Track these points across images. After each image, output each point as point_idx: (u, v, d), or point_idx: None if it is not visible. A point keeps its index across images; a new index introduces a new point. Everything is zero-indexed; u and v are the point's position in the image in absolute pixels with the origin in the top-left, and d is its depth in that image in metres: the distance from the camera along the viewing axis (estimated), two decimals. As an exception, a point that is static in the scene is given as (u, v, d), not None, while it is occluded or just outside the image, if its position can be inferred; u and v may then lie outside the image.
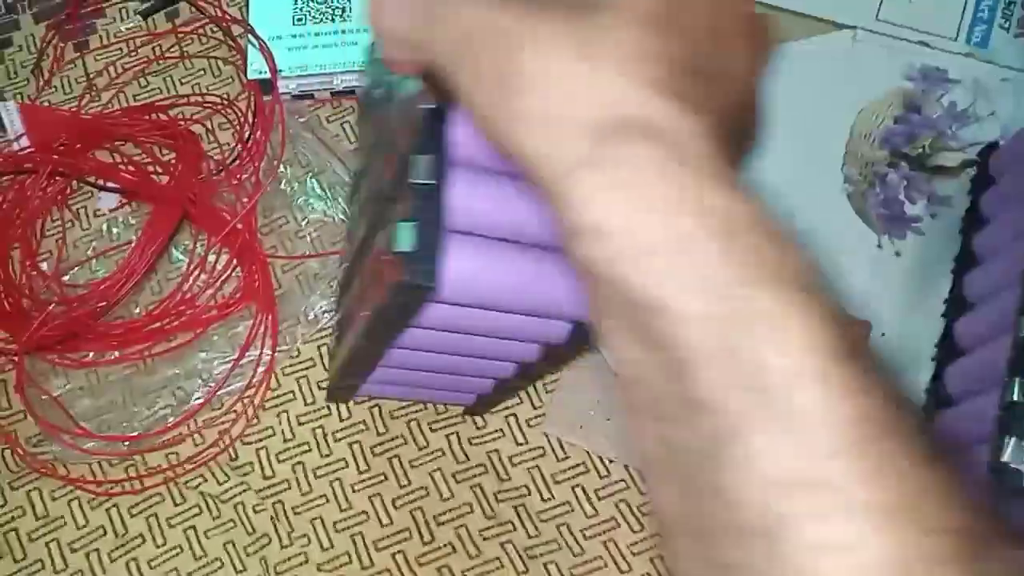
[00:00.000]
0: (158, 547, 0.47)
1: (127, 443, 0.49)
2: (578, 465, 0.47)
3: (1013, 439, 0.37)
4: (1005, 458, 0.37)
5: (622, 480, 0.47)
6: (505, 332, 0.34)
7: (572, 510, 0.47)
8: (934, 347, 0.47)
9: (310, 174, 0.54)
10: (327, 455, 0.48)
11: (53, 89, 0.58)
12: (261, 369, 0.50)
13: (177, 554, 0.47)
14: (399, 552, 0.46)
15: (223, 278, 0.52)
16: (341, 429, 0.49)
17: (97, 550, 0.47)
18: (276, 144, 0.54)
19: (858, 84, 0.54)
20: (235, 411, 0.49)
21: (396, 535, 0.47)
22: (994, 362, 0.41)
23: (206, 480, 0.48)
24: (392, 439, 0.48)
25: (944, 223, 0.50)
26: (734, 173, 0.24)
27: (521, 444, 0.48)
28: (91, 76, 0.58)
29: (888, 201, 0.51)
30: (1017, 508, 0.41)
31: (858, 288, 0.48)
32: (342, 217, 0.53)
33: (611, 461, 0.47)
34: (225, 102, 0.56)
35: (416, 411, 0.49)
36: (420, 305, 0.31)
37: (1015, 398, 0.38)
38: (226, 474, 0.48)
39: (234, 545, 0.47)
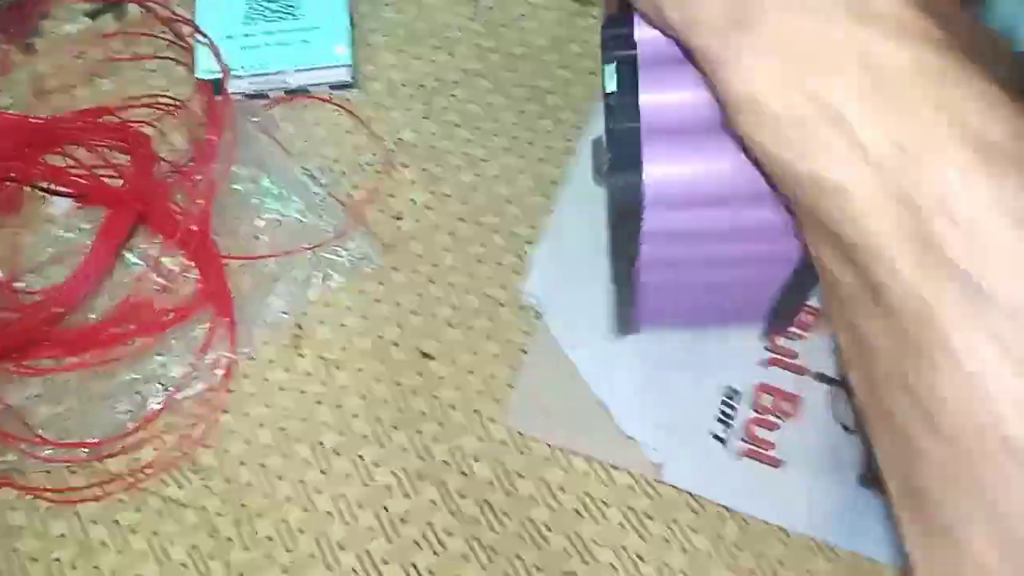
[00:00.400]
0: (120, 554, 0.47)
1: (86, 450, 0.48)
2: (542, 459, 0.48)
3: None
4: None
5: (585, 473, 0.47)
6: (737, 230, 0.32)
7: (536, 504, 0.47)
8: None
9: (265, 174, 0.54)
10: (288, 457, 0.48)
11: None
12: (220, 372, 0.50)
13: (141, 561, 0.47)
14: (364, 552, 0.46)
15: (179, 281, 0.52)
16: (302, 431, 0.49)
17: (59, 559, 0.47)
18: (230, 145, 0.54)
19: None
20: (195, 415, 0.49)
21: (361, 535, 0.47)
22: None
23: (168, 485, 0.48)
24: (353, 438, 0.48)
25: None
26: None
27: (484, 440, 0.48)
28: (39, 79, 0.57)
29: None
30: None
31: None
32: (297, 216, 0.53)
33: (574, 454, 0.47)
34: (177, 103, 0.56)
35: (378, 409, 0.49)
36: (636, 214, 0.31)
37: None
38: (188, 478, 0.48)
39: (198, 550, 0.47)
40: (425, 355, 0.50)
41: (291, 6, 0.56)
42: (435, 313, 0.51)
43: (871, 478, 0.44)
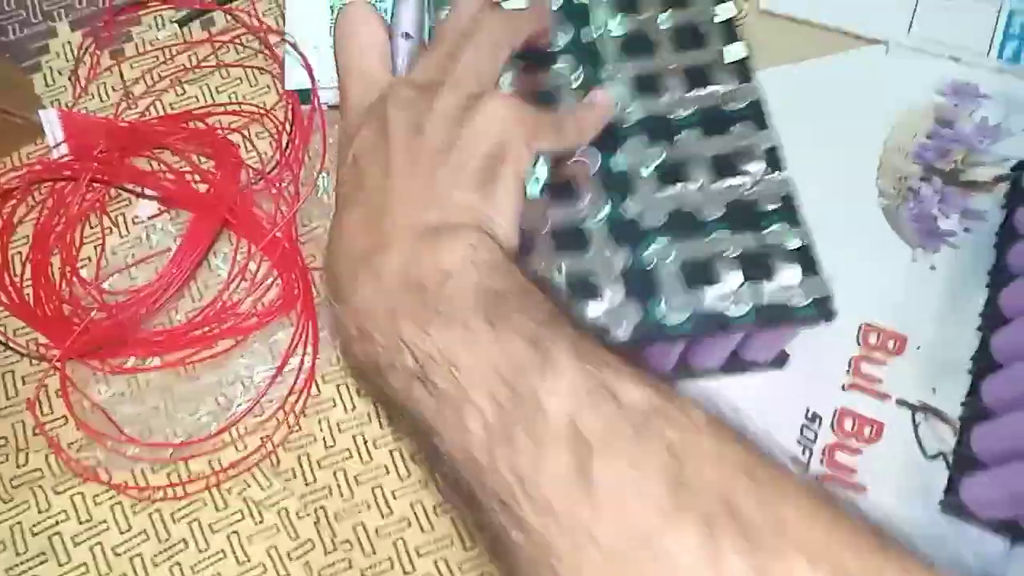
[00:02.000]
0: (201, 552, 0.48)
1: (170, 449, 0.49)
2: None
3: (1055, 453, 0.38)
4: (1047, 471, 0.38)
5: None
6: None
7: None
8: (970, 360, 0.47)
9: (348, 183, 0.54)
10: (368, 462, 0.49)
11: (90, 97, 0.58)
12: (302, 376, 0.50)
13: (220, 559, 0.48)
14: (441, 559, 0.47)
15: (264, 286, 0.53)
16: (381, 436, 0.49)
17: (140, 554, 0.48)
18: (314, 153, 0.55)
19: (890, 98, 0.54)
20: (277, 418, 0.50)
21: (438, 542, 0.47)
22: (1033, 376, 0.42)
23: (248, 486, 0.49)
24: (432, 447, 0.49)
25: (978, 237, 0.50)
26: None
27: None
28: (127, 84, 0.59)
29: (922, 215, 0.51)
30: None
31: (893, 301, 0.49)
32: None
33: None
34: (264, 111, 0.57)
35: (456, 419, 0.49)
36: None
37: (1056, 412, 0.39)
38: (269, 480, 0.49)
39: (277, 550, 0.48)
40: (503, 367, 0.50)
41: (378, 19, 0.57)
42: (513, 326, 0.51)
43: (954, 505, 0.44)
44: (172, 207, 0.55)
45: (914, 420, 0.46)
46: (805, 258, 0.42)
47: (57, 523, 0.48)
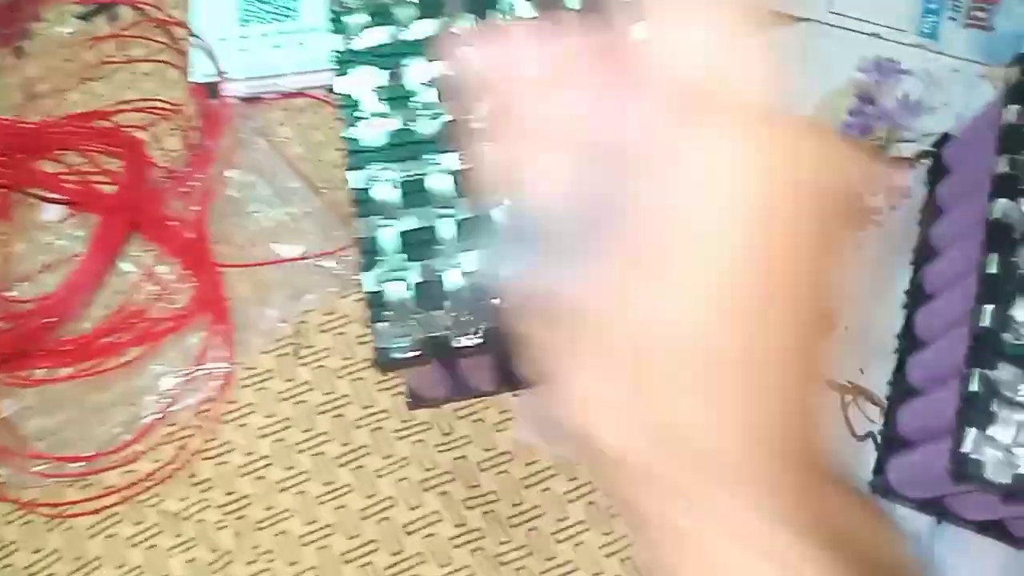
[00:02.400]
0: (118, 568, 0.46)
1: (82, 463, 0.47)
2: (546, 469, 0.47)
3: (973, 429, 0.37)
4: (965, 448, 0.37)
5: (590, 483, 0.47)
6: None
7: (542, 514, 0.46)
8: (895, 338, 0.47)
9: (261, 179, 0.53)
10: (290, 468, 0.47)
11: (-10, 97, 0.56)
12: (217, 382, 0.49)
13: (138, 575, 0.46)
14: (368, 564, 0.46)
15: (175, 289, 0.51)
16: (303, 441, 0.48)
17: (53, 575, 0.46)
18: (225, 149, 0.53)
19: (813, 76, 0.54)
20: (193, 426, 0.48)
21: (363, 547, 0.46)
22: (954, 353, 0.41)
23: (165, 499, 0.47)
24: (356, 449, 0.48)
25: (903, 215, 0.50)
26: None
27: (489, 449, 0.47)
28: (29, 83, 0.56)
29: (846, 193, 0.51)
30: (977, 497, 0.41)
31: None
32: (295, 223, 0.52)
33: (578, 464, 0.47)
34: (171, 107, 0.55)
35: (381, 419, 0.48)
36: None
37: (974, 389, 0.38)
38: (186, 491, 0.47)
39: (197, 564, 0.46)
40: (427, 364, 0.49)
41: (287, 7, 0.55)
42: (437, 321, 0.50)
43: (882, 486, 0.44)
44: (79, 210, 0.53)
45: (843, 401, 0.46)
46: None
47: (-37, 546, 0.46)
